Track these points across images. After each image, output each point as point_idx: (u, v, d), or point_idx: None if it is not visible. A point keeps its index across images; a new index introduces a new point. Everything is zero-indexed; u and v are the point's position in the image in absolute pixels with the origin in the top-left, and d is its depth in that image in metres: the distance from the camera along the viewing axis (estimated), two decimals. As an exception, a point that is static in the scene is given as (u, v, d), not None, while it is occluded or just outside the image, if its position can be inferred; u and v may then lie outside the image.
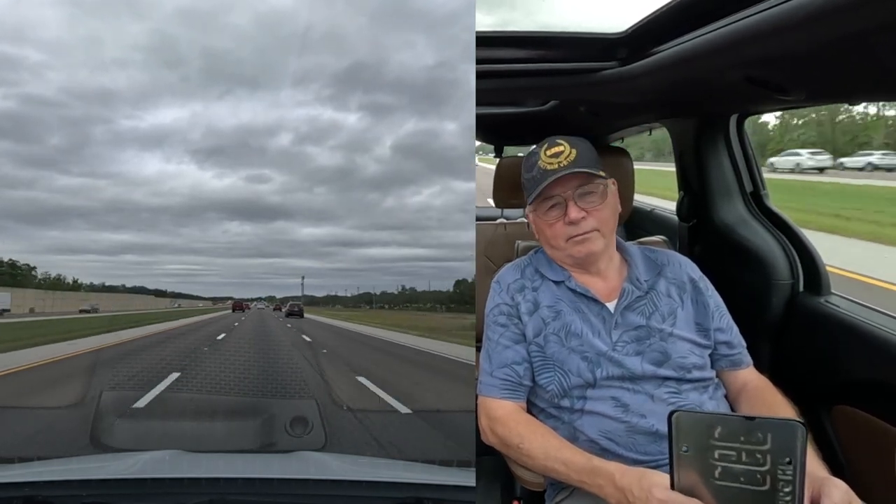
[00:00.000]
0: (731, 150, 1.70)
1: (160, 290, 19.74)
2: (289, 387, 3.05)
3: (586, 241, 1.11)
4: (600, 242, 1.12)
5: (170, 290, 19.12)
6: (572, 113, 2.16)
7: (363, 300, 19.59)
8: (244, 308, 13.48)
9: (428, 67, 16.20)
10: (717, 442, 0.73)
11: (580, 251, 1.12)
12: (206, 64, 15.72)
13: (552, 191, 1.10)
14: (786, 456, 0.69)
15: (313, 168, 14.06)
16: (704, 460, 0.74)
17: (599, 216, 1.11)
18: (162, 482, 0.83)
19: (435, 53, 16.79)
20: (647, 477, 0.86)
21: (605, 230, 1.12)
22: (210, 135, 13.28)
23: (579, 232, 1.10)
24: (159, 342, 6.27)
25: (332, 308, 17.93)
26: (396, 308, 19.02)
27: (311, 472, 1.00)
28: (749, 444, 0.71)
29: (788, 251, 1.56)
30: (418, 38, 18.46)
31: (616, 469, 0.92)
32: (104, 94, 13.07)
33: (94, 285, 19.43)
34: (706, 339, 1.13)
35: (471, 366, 1.67)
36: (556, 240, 1.14)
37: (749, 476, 0.71)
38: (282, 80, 17.40)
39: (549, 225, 1.14)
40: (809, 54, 0.91)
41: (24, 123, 12.50)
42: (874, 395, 1.25)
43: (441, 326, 9.64)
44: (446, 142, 13.08)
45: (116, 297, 19.75)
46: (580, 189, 1.09)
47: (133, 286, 19.53)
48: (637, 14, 1.23)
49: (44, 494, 0.76)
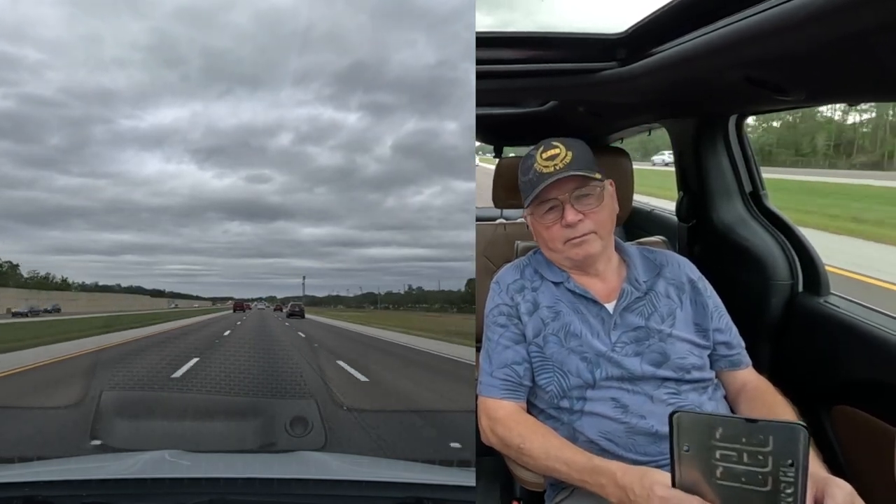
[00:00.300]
0: (730, 150, 1.70)
1: (159, 290, 19.25)
2: (289, 387, 3.05)
3: (584, 243, 1.11)
4: (598, 244, 1.12)
5: (170, 290, 18.80)
6: (572, 113, 2.16)
7: (367, 300, 18.78)
8: (245, 308, 13.46)
9: (429, 66, 16.19)
10: (718, 443, 0.73)
11: (578, 254, 1.12)
12: (206, 63, 15.69)
13: (549, 194, 1.10)
14: (788, 458, 0.69)
15: (314, 168, 14.12)
16: (706, 460, 0.74)
17: (596, 218, 1.11)
18: (162, 482, 0.83)
19: (436, 52, 16.77)
20: (648, 475, 0.86)
21: (602, 232, 1.12)
22: (210, 134, 13.30)
23: (576, 235, 1.10)
24: (140, 349, 5.11)
25: (334, 308, 17.24)
26: (402, 308, 18.23)
27: (311, 472, 1.00)
28: (751, 445, 0.71)
29: (788, 251, 1.56)
30: (419, 36, 18.46)
31: (618, 468, 0.92)
32: (104, 94, 13.08)
33: (87, 285, 18.75)
34: (705, 340, 1.13)
35: (471, 366, 1.67)
36: (554, 242, 1.14)
37: (751, 476, 0.71)
38: (282, 79, 17.40)
39: (546, 228, 1.14)
40: (809, 54, 0.91)
41: (23, 123, 12.46)
42: (874, 396, 1.25)
43: (463, 329, 8.77)
44: (447, 141, 13.06)
45: (109, 298, 19.07)
46: (577, 192, 1.09)
47: (129, 286, 19.07)
48: (637, 14, 1.23)
49: (44, 494, 0.76)
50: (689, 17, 1.08)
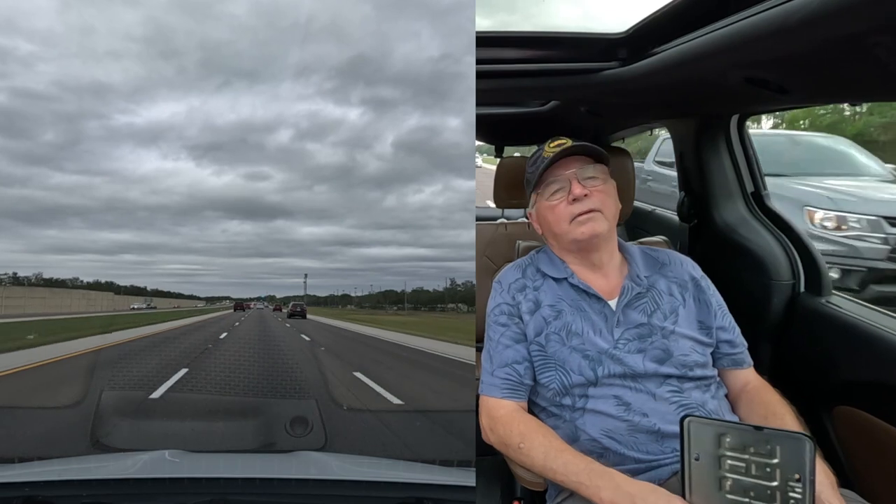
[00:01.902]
0: (731, 150, 1.70)
1: (138, 287, 17.99)
2: (289, 387, 3.04)
3: (590, 220, 1.11)
4: (604, 224, 1.12)
5: (168, 290, 18.12)
6: (573, 113, 2.16)
7: (386, 299, 15.57)
8: (245, 308, 13.38)
9: (432, 59, 15.91)
10: (726, 451, 0.73)
11: (584, 232, 1.12)
12: (203, 55, 15.28)
13: (555, 173, 1.14)
14: (795, 471, 0.70)
15: (314, 165, 13.80)
16: (715, 471, 0.74)
17: (602, 198, 1.12)
18: (162, 482, 0.83)
19: (440, 44, 16.39)
20: (655, 494, 0.87)
21: (607, 213, 1.13)
22: (208, 130, 12.94)
23: (583, 210, 1.11)
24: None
25: (342, 308, 14.37)
26: (436, 310, 13.62)
27: (311, 472, 1.00)
28: (758, 455, 0.71)
29: (789, 251, 1.56)
30: (423, 27, 18.17)
31: (622, 479, 0.92)
32: (98, 87, 12.67)
33: (52, 280, 16.96)
34: (708, 338, 1.13)
35: (471, 365, 1.66)
36: (560, 223, 1.14)
37: (759, 491, 0.71)
38: (282, 73, 17.01)
39: (552, 208, 1.15)
40: (809, 55, 0.91)
41: (15, 118, 11.94)
42: (875, 396, 1.25)
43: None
44: (449, 138, 12.71)
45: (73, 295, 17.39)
46: (582, 170, 1.13)
47: (124, 285, 18.12)
48: (638, 15, 1.23)
49: (44, 494, 0.76)
50: (690, 18, 1.08)
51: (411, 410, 2.58)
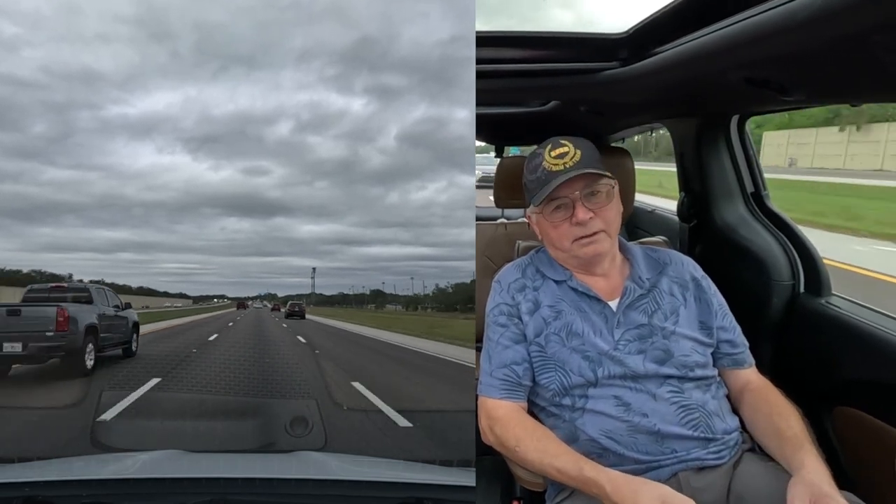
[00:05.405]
0: (731, 150, 1.70)
1: (153, 288, 17.30)
2: (289, 387, 3.03)
3: (593, 242, 1.10)
4: (607, 243, 1.12)
5: (170, 290, 17.85)
6: (573, 113, 2.16)
7: (413, 301, 11.52)
8: (244, 307, 13.39)
9: (442, 42, 14.07)
10: None
11: (587, 253, 1.11)
12: (198, 38, 13.26)
13: (559, 192, 1.10)
14: None
15: (315, 160, 12.86)
16: None
17: (606, 216, 1.11)
18: (162, 482, 0.83)
19: (451, 25, 14.19)
20: (642, 489, 0.88)
21: (610, 230, 1.12)
22: (204, 122, 11.86)
23: (586, 233, 1.10)
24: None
25: (360, 308, 11.20)
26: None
27: (311, 472, 1.00)
28: None
29: (789, 252, 1.56)
30: (432, 7, 15.67)
31: (607, 481, 0.93)
32: (88, 74, 11.19)
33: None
34: (709, 338, 1.13)
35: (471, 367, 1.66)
36: (562, 241, 1.13)
37: None
38: (282, 58, 14.78)
39: (554, 227, 1.13)
40: (809, 55, 0.91)
41: (2, 108, 10.53)
42: (875, 396, 1.25)
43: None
44: (455, 131, 11.53)
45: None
46: (587, 189, 1.09)
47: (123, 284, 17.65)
48: (638, 15, 1.23)
49: (44, 494, 0.76)
50: (691, 18, 1.08)
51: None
